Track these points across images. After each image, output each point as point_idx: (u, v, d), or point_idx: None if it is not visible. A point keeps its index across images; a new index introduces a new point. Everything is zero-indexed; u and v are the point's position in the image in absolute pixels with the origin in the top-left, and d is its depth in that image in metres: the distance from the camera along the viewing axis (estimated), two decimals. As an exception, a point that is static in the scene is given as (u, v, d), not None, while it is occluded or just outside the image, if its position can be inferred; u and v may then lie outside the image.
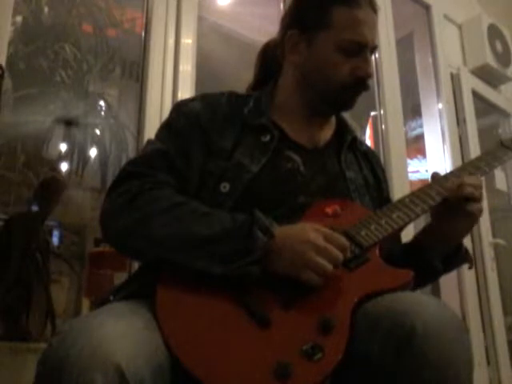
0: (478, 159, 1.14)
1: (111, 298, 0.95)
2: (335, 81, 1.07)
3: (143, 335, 0.76)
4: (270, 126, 1.09)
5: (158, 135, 1.08)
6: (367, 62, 1.07)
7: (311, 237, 0.88)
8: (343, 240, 0.90)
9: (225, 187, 1.00)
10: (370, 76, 1.08)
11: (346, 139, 1.17)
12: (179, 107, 1.12)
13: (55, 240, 2.22)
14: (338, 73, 1.06)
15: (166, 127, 1.09)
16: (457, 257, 1.08)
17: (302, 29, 1.11)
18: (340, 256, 0.88)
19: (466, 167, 1.11)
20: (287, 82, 1.15)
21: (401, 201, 1.03)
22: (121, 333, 0.74)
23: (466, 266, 1.11)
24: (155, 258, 0.91)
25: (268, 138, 1.07)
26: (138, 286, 0.95)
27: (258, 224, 0.89)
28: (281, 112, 1.13)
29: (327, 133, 1.17)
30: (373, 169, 1.21)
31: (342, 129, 1.20)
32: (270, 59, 1.20)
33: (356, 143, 1.20)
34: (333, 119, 1.20)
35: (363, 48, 1.06)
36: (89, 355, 0.70)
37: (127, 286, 0.98)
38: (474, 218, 1.01)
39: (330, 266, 0.86)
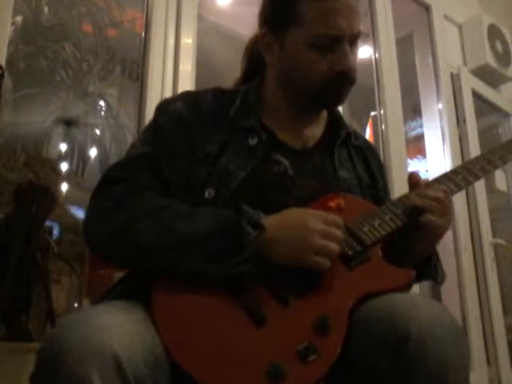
0: (472, 162, 1.08)
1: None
2: (313, 79, 1.01)
3: (141, 328, 0.77)
4: (258, 128, 1.04)
5: (142, 138, 1.05)
6: (345, 54, 0.99)
7: (310, 221, 0.87)
8: (337, 218, 0.90)
9: (210, 193, 0.96)
10: (350, 69, 1.00)
11: (340, 135, 1.12)
12: (163, 108, 1.07)
13: (55, 240, 2.22)
14: (314, 71, 1.00)
15: (150, 130, 1.05)
16: (424, 271, 1.01)
17: (272, 27, 1.05)
18: (341, 235, 0.88)
19: (458, 170, 1.06)
20: (270, 80, 1.11)
21: (407, 195, 0.99)
22: (118, 323, 0.74)
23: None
24: (144, 264, 0.89)
25: (255, 140, 1.03)
26: (128, 286, 0.94)
27: (246, 217, 0.86)
28: (269, 111, 1.08)
29: (318, 129, 1.12)
30: (368, 166, 1.15)
31: (336, 123, 1.14)
32: (256, 54, 1.15)
33: (350, 139, 1.13)
34: (324, 114, 1.14)
35: (339, 40, 0.99)
36: (85, 344, 0.69)
37: (118, 286, 0.97)
38: (430, 231, 0.94)
39: (337, 247, 0.86)
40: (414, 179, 1.01)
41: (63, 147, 2.43)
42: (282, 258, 0.86)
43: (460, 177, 1.04)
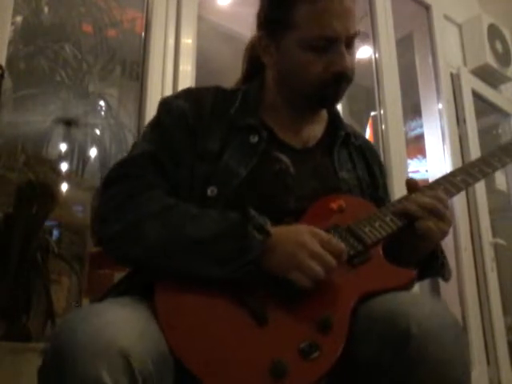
0: (471, 165, 1.08)
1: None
2: (310, 80, 1.01)
3: (146, 324, 0.77)
4: (259, 126, 1.05)
5: (144, 136, 1.05)
6: (341, 55, 0.99)
7: (306, 240, 0.86)
8: (340, 245, 0.88)
9: (212, 191, 0.97)
10: (346, 69, 1.00)
11: (339, 135, 1.12)
12: (165, 105, 1.07)
13: (55, 240, 2.22)
14: (310, 72, 1.01)
15: (153, 127, 1.05)
16: (430, 267, 1.01)
17: (268, 30, 1.06)
18: (333, 262, 0.85)
19: (456, 173, 1.05)
20: (270, 81, 1.11)
21: (407, 196, 1.00)
22: (124, 318, 0.74)
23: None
24: (150, 265, 0.89)
25: (256, 138, 1.03)
26: (130, 284, 0.94)
27: (253, 222, 0.87)
28: (269, 110, 1.09)
29: (318, 129, 1.13)
30: (368, 165, 1.15)
31: (335, 124, 1.14)
32: (255, 55, 1.15)
33: (350, 139, 1.14)
34: (324, 113, 1.15)
35: (334, 42, 0.99)
36: (92, 340, 0.69)
37: (119, 285, 0.98)
38: (426, 237, 0.94)
39: (322, 272, 0.84)
40: (412, 185, 1.01)
41: (63, 147, 2.43)
42: (272, 268, 0.87)
43: (459, 179, 1.04)
